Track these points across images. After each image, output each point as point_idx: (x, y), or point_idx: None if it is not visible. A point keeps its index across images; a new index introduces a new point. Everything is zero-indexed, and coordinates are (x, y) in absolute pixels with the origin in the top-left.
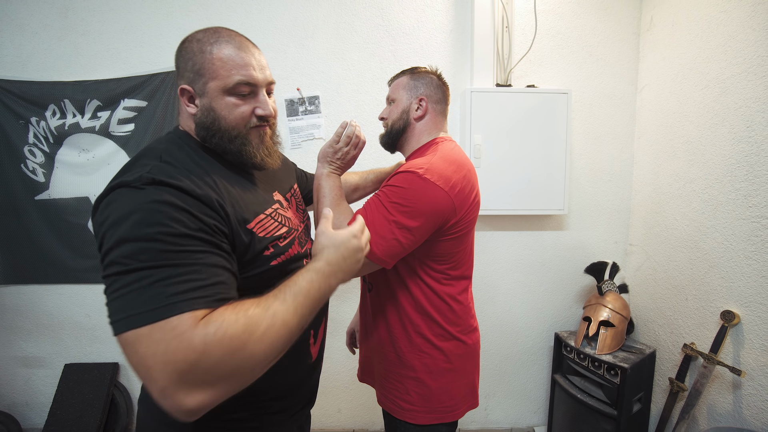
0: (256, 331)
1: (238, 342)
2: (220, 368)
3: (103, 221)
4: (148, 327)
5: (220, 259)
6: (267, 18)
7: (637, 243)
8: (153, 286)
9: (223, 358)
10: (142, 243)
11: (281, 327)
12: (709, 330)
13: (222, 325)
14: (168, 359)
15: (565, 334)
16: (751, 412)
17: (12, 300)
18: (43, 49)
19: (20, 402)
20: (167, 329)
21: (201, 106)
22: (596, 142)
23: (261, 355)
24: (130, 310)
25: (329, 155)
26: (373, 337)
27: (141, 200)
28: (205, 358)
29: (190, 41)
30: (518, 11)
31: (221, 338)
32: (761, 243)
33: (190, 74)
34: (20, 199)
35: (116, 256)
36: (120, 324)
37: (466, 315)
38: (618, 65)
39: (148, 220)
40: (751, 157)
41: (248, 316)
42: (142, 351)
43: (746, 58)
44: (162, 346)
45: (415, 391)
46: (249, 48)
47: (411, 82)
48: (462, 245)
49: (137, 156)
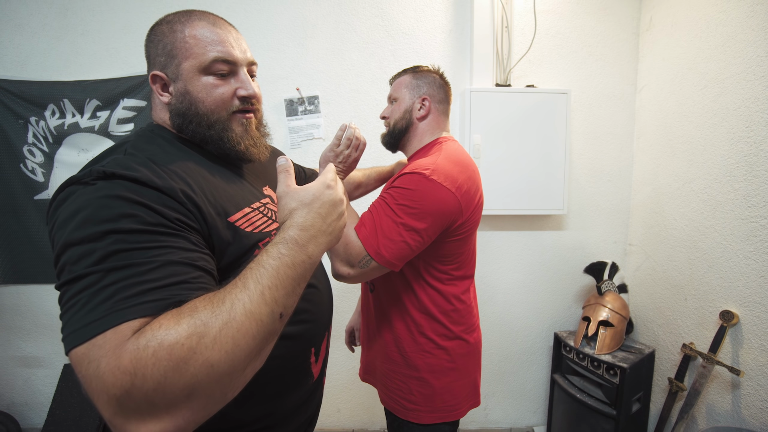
0: (208, 333)
1: (182, 351)
2: (169, 388)
3: (53, 225)
4: (86, 345)
5: (187, 254)
6: (266, 18)
7: (637, 243)
8: (98, 294)
9: (167, 375)
10: (87, 245)
11: (245, 320)
12: (708, 330)
13: (156, 335)
14: (100, 386)
15: (565, 334)
16: (750, 412)
17: (11, 300)
18: (42, 49)
19: (19, 402)
20: (99, 346)
21: (175, 91)
22: (596, 142)
23: (224, 361)
24: (72, 325)
25: (330, 159)
26: (375, 338)
27: (89, 197)
28: (140, 379)
29: (159, 24)
30: (518, 11)
31: (156, 350)
32: (760, 243)
33: (161, 58)
34: (19, 198)
35: (63, 262)
36: (66, 341)
37: (468, 314)
38: (617, 65)
39: (94, 218)
40: (750, 157)
41: (194, 317)
42: (81, 374)
43: (745, 58)
44: (92, 369)
45: (418, 391)
46: (225, 25)
47: (413, 81)
48: (466, 246)
49: (102, 153)
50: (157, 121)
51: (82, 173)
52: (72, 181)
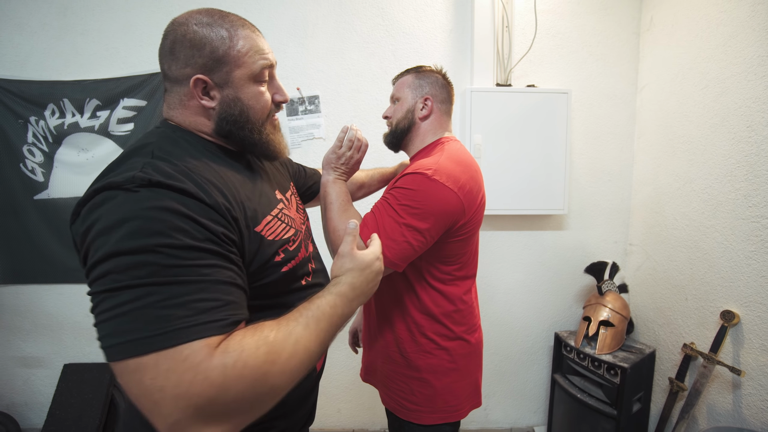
0: (278, 361)
1: (259, 373)
2: (240, 402)
3: (88, 228)
4: (154, 355)
5: (231, 273)
6: (267, 17)
7: (637, 243)
8: (155, 307)
9: (244, 392)
10: (139, 256)
11: (303, 355)
12: (708, 330)
13: (242, 356)
14: (180, 393)
15: (565, 334)
16: (751, 412)
17: (11, 300)
18: (42, 49)
19: (19, 402)
20: (178, 359)
21: (222, 98)
22: (596, 141)
23: (282, 385)
24: (129, 335)
25: (333, 161)
26: (377, 339)
27: (136, 206)
28: (224, 393)
29: (190, 24)
30: (518, 11)
31: (241, 370)
32: (761, 243)
33: (204, 61)
34: (19, 198)
35: (107, 269)
36: (117, 349)
37: (470, 314)
38: (618, 65)
39: (146, 230)
40: (750, 157)
41: (269, 344)
42: (147, 382)
43: (746, 58)
44: (173, 379)
45: (419, 392)
46: (257, 30)
47: (416, 81)
48: (468, 246)
49: (124, 155)
50: (178, 121)
51: (122, 178)
52: (111, 185)
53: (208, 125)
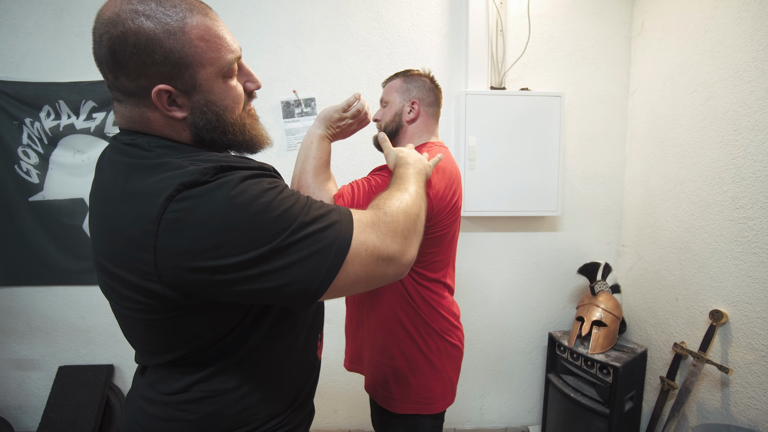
0: (404, 197)
1: (407, 212)
2: (409, 226)
3: (194, 236)
4: (350, 252)
5: None
6: (263, 20)
7: (629, 244)
8: (323, 233)
9: (406, 222)
10: (270, 214)
11: (416, 199)
12: (698, 329)
13: (383, 216)
14: (387, 243)
15: (559, 334)
16: (739, 409)
17: (5, 302)
18: (37, 50)
19: (13, 405)
20: (363, 242)
21: (193, 105)
22: (589, 144)
23: (416, 212)
24: (317, 270)
25: (331, 119)
26: (362, 327)
27: (226, 190)
28: (396, 225)
29: (131, 21)
30: (512, 15)
31: (396, 210)
32: (748, 244)
33: (163, 69)
34: (14, 200)
35: (249, 246)
36: (321, 282)
37: (450, 308)
38: (610, 69)
39: (254, 197)
40: (737, 160)
41: (386, 206)
42: (366, 260)
43: (733, 63)
44: (367, 247)
45: (396, 381)
46: (215, 15)
47: (404, 84)
48: (436, 248)
49: (138, 189)
50: (154, 133)
51: (189, 178)
52: (184, 185)
53: (184, 135)
